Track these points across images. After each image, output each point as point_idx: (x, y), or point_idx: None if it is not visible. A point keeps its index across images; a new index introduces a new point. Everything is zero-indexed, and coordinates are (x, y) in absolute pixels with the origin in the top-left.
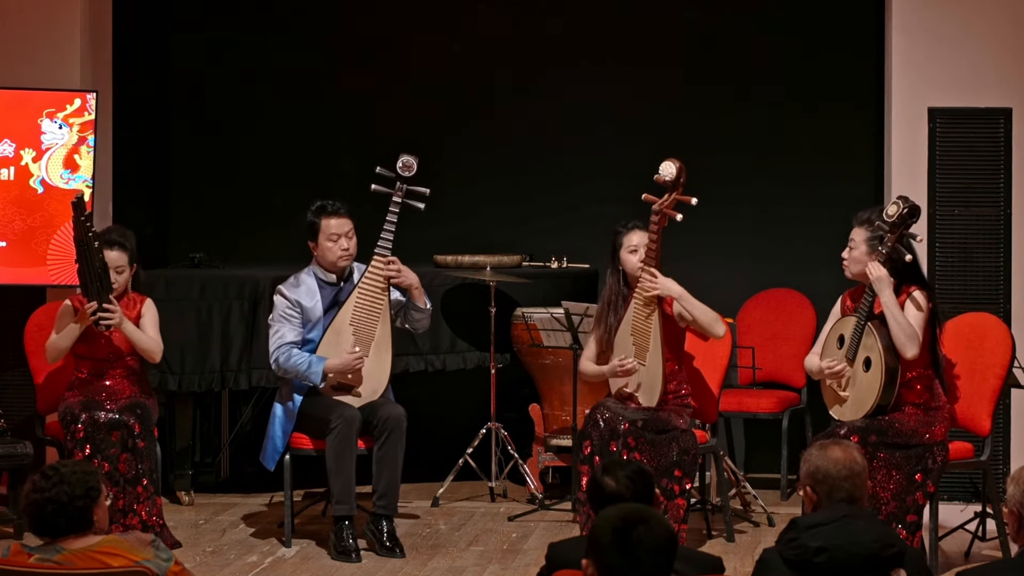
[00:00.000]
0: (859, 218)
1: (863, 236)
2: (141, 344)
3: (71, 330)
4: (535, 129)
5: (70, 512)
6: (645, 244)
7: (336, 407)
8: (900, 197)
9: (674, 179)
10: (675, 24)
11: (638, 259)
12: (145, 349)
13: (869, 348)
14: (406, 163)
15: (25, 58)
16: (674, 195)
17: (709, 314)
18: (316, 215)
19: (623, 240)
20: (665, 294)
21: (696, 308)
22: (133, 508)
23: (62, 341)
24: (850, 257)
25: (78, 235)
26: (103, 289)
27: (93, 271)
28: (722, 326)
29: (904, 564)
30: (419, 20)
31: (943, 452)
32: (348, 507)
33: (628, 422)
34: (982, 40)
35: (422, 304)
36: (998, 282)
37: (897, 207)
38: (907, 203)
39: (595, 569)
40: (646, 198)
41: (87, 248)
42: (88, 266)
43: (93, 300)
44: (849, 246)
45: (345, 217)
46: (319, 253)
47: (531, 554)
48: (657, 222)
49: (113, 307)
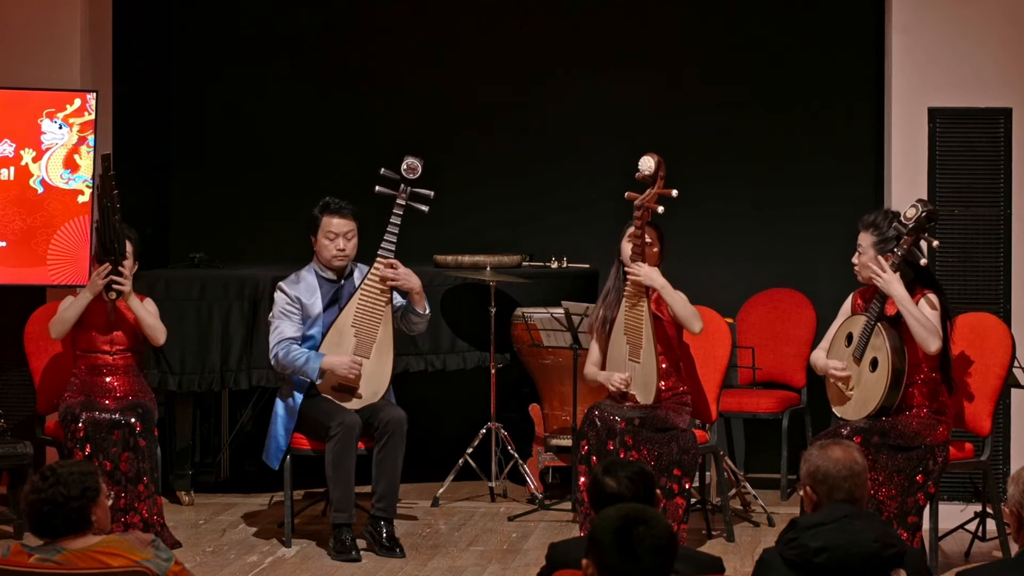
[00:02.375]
0: (864, 222)
1: (870, 240)
2: (146, 321)
3: (80, 299)
4: (535, 129)
5: (66, 513)
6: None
7: (336, 413)
8: (919, 200)
9: (653, 173)
10: (675, 25)
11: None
12: (151, 326)
13: (877, 349)
14: (410, 165)
15: (25, 58)
16: (655, 189)
17: (688, 309)
18: (320, 211)
19: (625, 230)
20: (648, 283)
21: (676, 302)
22: (134, 507)
23: (69, 311)
24: (860, 263)
25: (102, 191)
26: (119, 252)
27: (112, 229)
28: (699, 323)
29: (904, 564)
30: (420, 20)
31: (944, 453)
32: (347, 515)
33: (625, 420)
34: (982, 40)
35: (421, 309)
36: (998, 282)
37: (916, 210)
38: (926, 207)
39: (595, 569)
40: (628, 195)
41: (109, 206)
42: (107, 223)
43: (107, 261)
44: (858, 251)
45: (348, 218)
46: (316, 249)
47: (531, 554)
48: (640, 216)
49: (126, 272)
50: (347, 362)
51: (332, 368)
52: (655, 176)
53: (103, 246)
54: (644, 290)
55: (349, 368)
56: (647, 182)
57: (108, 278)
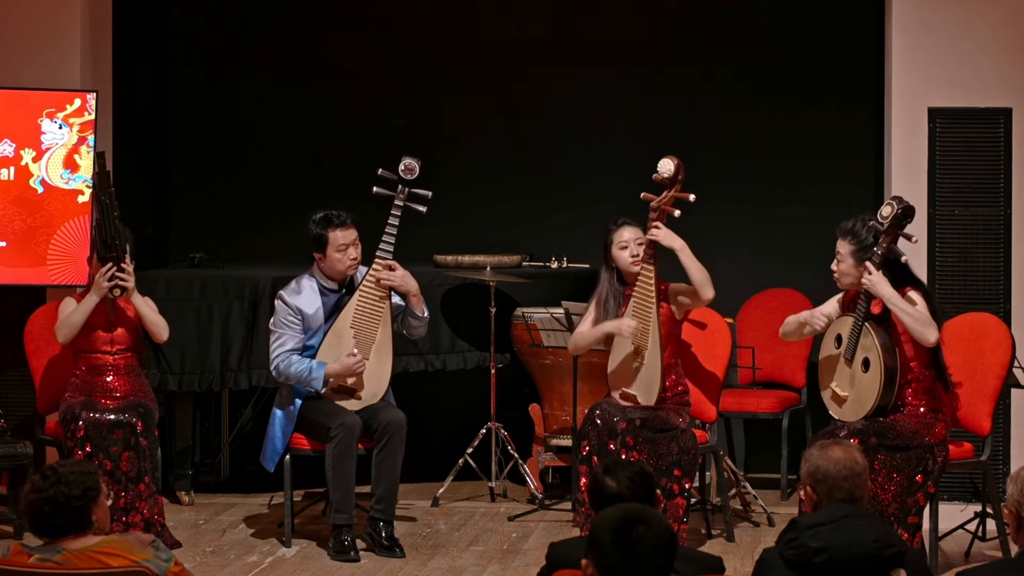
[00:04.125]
0: (842, 229)
1: (848, 249)
2: (149, 318)
3: (87, 302)
4: (535, 129)
5: (67, 512)
6: (636, 239)
7: (337, 414)
8: (894, 198)
9: (672, 176)
10: (675, 24)
11: (629, 255)
12: (154, 322)
13: (867, 348)
14: (408, 166)
15: (25, 58)
16: (672, 192)
17: (703, 273)
18: (323, 227)
19: (614, 237)
20: (668, 244)
21: (693, 264)
22: (135, 506)
23: (76, 315)
24: (840, 271)
25: (99, 188)
26: (120, 249)
27: (112, 227)
28: (711, 290)
29: (904, 564)
30: (420, 20)
31: (943, 453)
32: (347, 516)
33: (626, 421)
34: (982, 40)
35: (420, 312)
36: (998, 282)
37: (891, 208)
38: (901, 204)
39: (595, 569)
40: (644, 196)
41: (107, 205)
42: (107, 221)
43: (109, 259)
44: (836, 259)
45: (351, 227)
46: (326, 264)
47: (531, 554)
48: (656, 218)
49: (128, 269)
50: (348, 362)
51: (335, 375)
52: (674, 179)
53: (104, 243)
54: (652, 291)
55: (350, 367)
56: (664, 184)
57: (112, 278)
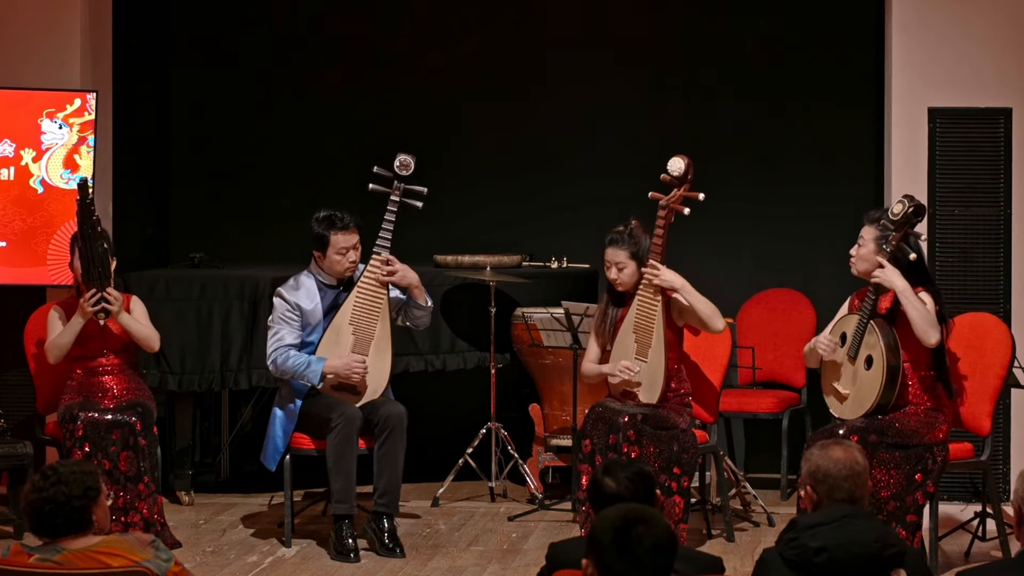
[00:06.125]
0: (870, 216)
1: (872, 234)
2: (139, 333)
3: (73, 324)
4: (535, 129)
5: (68, 512)
6: (618, 263)
7: (337, 406)
8: (906, 196)
9: (682, 175)
10: (675, 24)
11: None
12: (144, 337)
13: (871, 347)
14: (403, 162)
15: (25, 58)
16: (682, 191)
17: (709, 307)
18: (326, 228)
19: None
20: (667, 286)
21: (698, 300)
22: (135, 506)
23: (64, 337)
24: (858, 255)
25: (82, 217)
26: (103, 276)
27: (95, 256)
28: (721, 321)
29: (904, 564)
30: (419, 19)
31: (943, 452)
32: (348, 506)
33: (628, 415)
34: (982, 40)
35: (423, 302)
36: (998, 282)
37: (903, 206)
38: (913, 202)
39: (595, 569)
40: (653, 195)
41: (91, 232)
42: (91, 250)
43: (94, 286)
44: (858, 243)
45: (353, 231)
46: (326, 264)
47: (531, 554)
48: (664, 217)
49: (114, 294)
50: (349, 363)
51: (335, 371)
52: (683, 178)
53: (87, 272)
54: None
55: (351, 368)
56: (673, 183)
57: (98, 304)
